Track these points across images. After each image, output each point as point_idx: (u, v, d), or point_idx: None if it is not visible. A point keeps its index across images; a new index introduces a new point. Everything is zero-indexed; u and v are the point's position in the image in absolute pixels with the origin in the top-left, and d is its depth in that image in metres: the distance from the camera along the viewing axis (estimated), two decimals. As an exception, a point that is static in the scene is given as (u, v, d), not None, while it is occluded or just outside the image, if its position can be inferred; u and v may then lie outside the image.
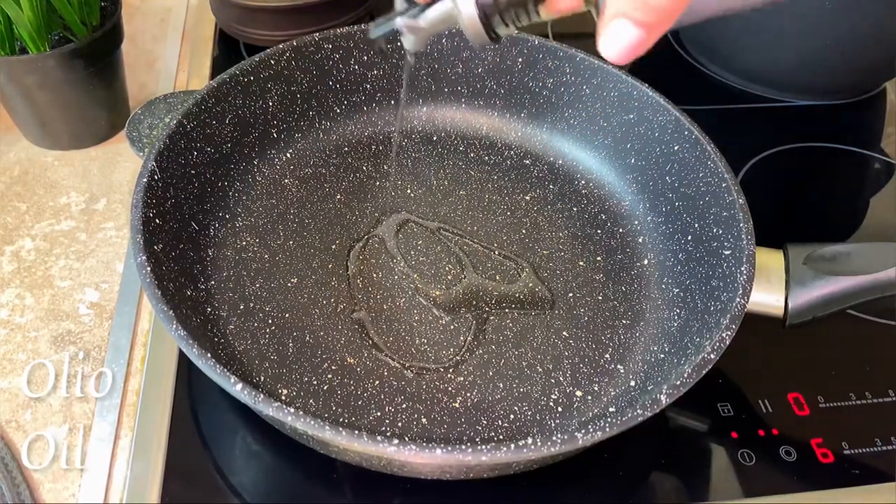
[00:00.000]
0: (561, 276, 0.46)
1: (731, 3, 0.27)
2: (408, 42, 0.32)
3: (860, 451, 0.39)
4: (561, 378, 0.40)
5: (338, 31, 0.50)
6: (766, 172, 0.57)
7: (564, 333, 0.43)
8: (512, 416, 0.39)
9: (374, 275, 0.45)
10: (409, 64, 0.34)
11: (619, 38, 0.26)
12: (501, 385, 0.40)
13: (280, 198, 0.49)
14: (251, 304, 0.42)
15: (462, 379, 0.40)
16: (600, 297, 0.44)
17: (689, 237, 0.44)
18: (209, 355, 0.32)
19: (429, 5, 0.31)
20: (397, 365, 0.41)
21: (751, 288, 0.37)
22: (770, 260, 0.39)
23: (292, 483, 0.38)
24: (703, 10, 0.27)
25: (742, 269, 0.37)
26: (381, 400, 0.39)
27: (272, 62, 0.48)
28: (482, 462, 0.31)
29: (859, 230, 0.54)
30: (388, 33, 0.32)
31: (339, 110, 0.53)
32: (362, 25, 0.51)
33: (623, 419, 0.31)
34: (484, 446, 0.30)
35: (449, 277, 0.45)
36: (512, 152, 0.53)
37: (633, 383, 0.40)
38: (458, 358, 0.41)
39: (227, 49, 0.66)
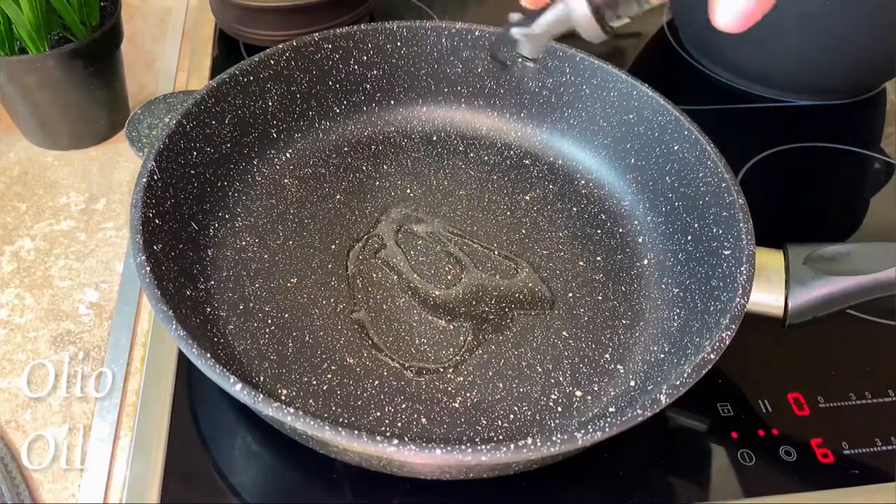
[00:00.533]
0: (561, 276, 0.46)
1: None
2: (525, 49, 0.33)
3: (860, 451, 0.39)
4: (561, 378, 0.40)
5: (338, 31, 0.50)
6: (766, 172, 0.57)
7: (564, 333, 0.43)
8: (512, 416, 0.39)
9: (374, 275, 0.45)
10: (531, 68, 0.36)
11: (734, 5, 0.27)
12: (501, 385, 0.40)
13: (280, 198, 0.49)
14: (251, 304, 0.42)
15: (462, 379, 0.40)
16: (600, 297, 0.44)
17: (689, 237, 0.44)
18: (209, 355, 0.32)
19: (541, 12, 0.32)
20: (397, 365, 0.40)
21: (751, 288, 0.37)
22: (770, 260, 0.39)
23: (292, 483, 0.38)
24: None
25: (742, 269, 0.37)
26: (381, 400, 0.39)
27: (272, 62, 0.48)
28: (482, 462, 0.31)
29: (859, 230, 0.54)
30: (505, 44, 0.34)
31: (338, 110, 0.53)
32: (362, 25, 0.51)
33: (623, 419, 0.31)
34: (484, 446, 0.30)
35: (449, 277, 0.45)
36: (512, 152, 0.53)
37: (632, 383, 0.40)
38: (457, 358, 0.41)
39: (227, 49, 0.66)
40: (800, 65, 0.60)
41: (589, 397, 0.40)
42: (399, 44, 0.52)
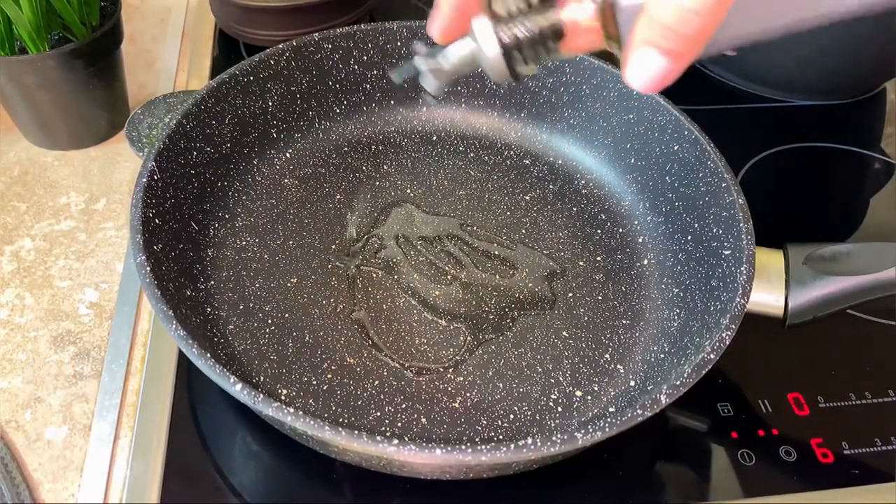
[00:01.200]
0: (561, 276, 0.46)
1: (762, 28, 0.27)
2: (429, 84, 0.32)
3: (860, 451, 0.39)
4: (561, 378, 0.40)
5: (338, 31, 0.50)
6: (766, 172, 0.57)
7: (564, 333, 0.43)
8: (512, 416, 0.39)
9: (374, 275, 0.45)
10: (430, 103, 0.34)
11: (647, 68, 0.25)
12: (501, 385, 0.40)
13: (280, 198, 0.49)
14: (251, 304, 0.42)
15: (462, 379, 0.40)
16: (600, 297, 0.44)
17: (689, 237, 0.44)
18: (209, 355, 0.32)
19: (450, 46, 0.31)
20: (397, 365, 0.40)
21: (751, 288, 0.37)
22: (770, 260, 0.39)
23: (292, 483, 0.38)
24: (726, 38, 0.26)
25: (742, 269, 0.37)
26: (381, 400, 0.39)
27: (272, 62, 0.48)
28: (482, 462, 0.31)
29: (859, 230, 0.54)
30: (410, 74, 0.32)
31: (338, 110, 0.53)
32: (362, 25, 0.51)
33: (623, 419, 0.31)
34: (484, 446, 0.30)
35: (448, 277, 0.45)
36: (512, 152, 0.53)
37: (632, 383, 0.40)
38: (457, 358, 0.41)
39: (227, 49, 0.66)
40: (800, 65, 0.60)
41: (589, 397, 0.40)
42: (399, 44, 0.52)
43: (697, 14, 0.23)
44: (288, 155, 0.51)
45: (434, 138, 0.54)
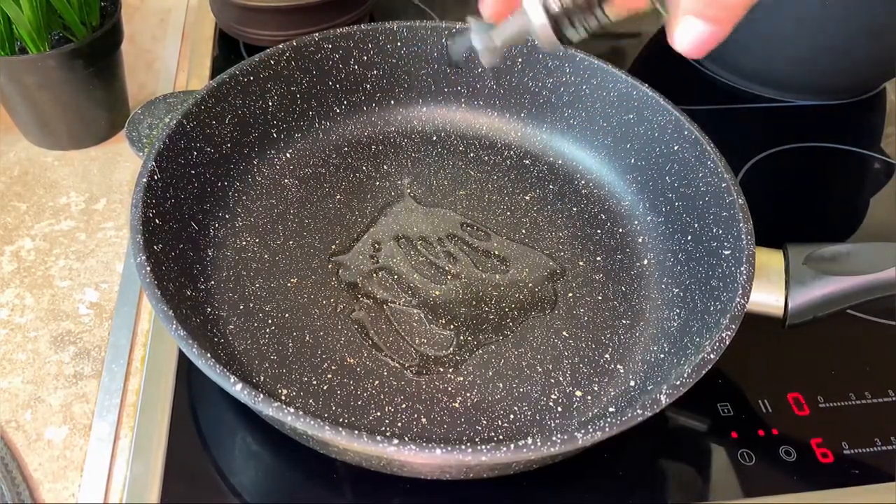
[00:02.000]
0: (561, 276, 0.46)
1: None
2: (485, 59, 0.33)
3: (860, 451, 0.39)
4: (561, 378, 0.40)
5: (338, 31, 0.50)
6: (766, 172, 0.57)
7: (564, 333, 0.43)
8: (512, 416, 0.39)
9: (374, 275, 0.45)
10: (490, 75, 0.36)
11: (692, 33, 0.27)
12: (501, 385, 0.40)
13: (280, 198, 0.49)
14: (251, 304, 0.42)
15: (462, 379, 0.40)
16: (600, 297, 0.44)
17: (689, 237, 0.44)
18: (209, 355, 0.32)
19: (503, 22, 0.32)
20: (397, 365, 0.41)
21: (751, 288, 0.37)
22: (770, 260, 0.39)
23: (292, 483, 0.38)
24: None
25: (742, 269, 0.37)
26: (381, 400, 0.39)
27: (272, 62, 0.48)
28: (482, 462, 0.31)
29: (859, 230, 0.54)
30: (466, 51, 0.34)
31: (339, 110, 0.53)
32: (362, 25, 0.51)
33: (623, 419, 0.31)
34: (484, 446, 0.30)
35: (449, 277, 0.45)
36: (512, 152, 0.53)
37: (632, 383, 0.40)
38: (457, 358, 0.41)
39: (227, 49, 0.66)
40: (800, 65, 0.60)
41: (589, 397, 0.40)
42: (399, 44, 0.52)
43: None
44: (288, 155, 0.51)
45: (434, 138, 0.54)
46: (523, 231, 0.48)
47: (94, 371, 0.43)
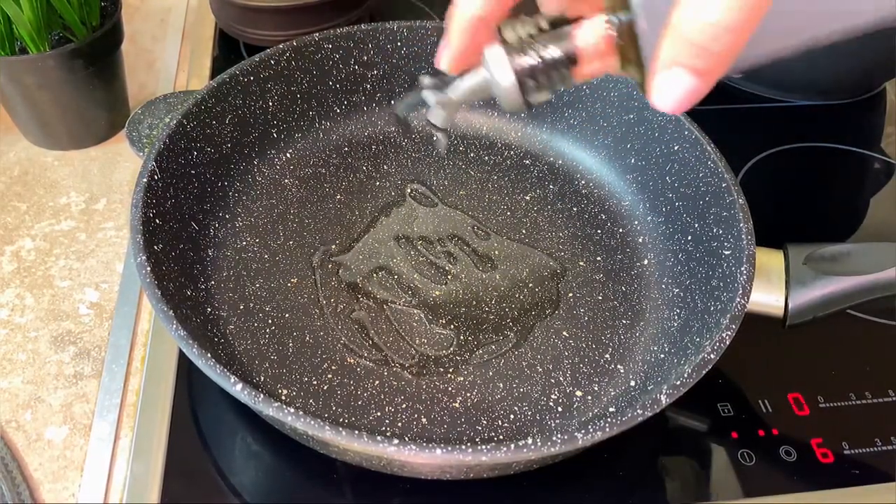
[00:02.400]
0: (561, 277, 0.46)
1: (782, 45, 0.26)
2: (437, 117, 0.31)
3: (860, 451, 0.39)
4: (561, 378, 0.40)
5: (338, 31, 0.50)
6: (766, 172, 0.57)
7: (564, 333, 0.43)
8: (512, 416, 0.39)
9: (374, 275, 0.45)
10: (443, 143, 0.33)
11: (675, 88, 0.24)
12: (501, 385, 0.40)
13: (280, 198, 0.49)
14: (251, 304, 0.42)
15: (462, 379, 0.40)
16: (600, 297, 0.44)
17: (689, 237, 0.44)
18: (209, 355, 0.32)
19: (460, 77, 0.30)
20: (397, 365, 0.41)
21: (751, 288, 0.37)
22: (770, 260, 0.39)
23: (292, 483, 0.38)
24: (753, 55, 0.25)
25: (742, 269, 0.37)
26: (381, 400, 0.39)
27: (272, 62, 0.48)
28: (482, 462, 0.31)
29: (859, 230, 0.54)
30: (415, 107, 0.32)
31: (339, 110, 0.53)
32: (362, 25, 0.51)
33: (623, 419, 0.31)
34: (484, 446, 0.30)
35: (448, 277, 0.45)
36: (512, 152, 0.53)
37: (633, 383, 0.40)
38: (457, 358, 0.41)
39: (227, 49, 0.66)
40: (800, 65, 0.60)
41: (589, 397, 0.40)
42: (399, 44, 0.52)
43: (728, 30, 0.23)
44: (288, 155, 0.51)
45: (434, 138, 0.54)
46: (523, 231, 0.48)
47: (95, 371, 0.43)
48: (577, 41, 0.27)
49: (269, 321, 0.42)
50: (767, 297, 0.38)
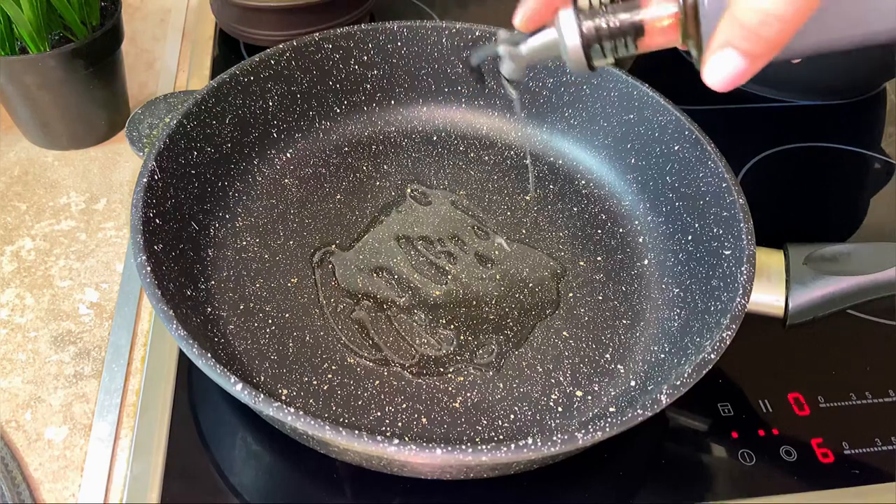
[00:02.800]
0: (561, 276, 0.46)
1: (830, 39, 0.28)
2: (506, 68, 0.33)
3: (860, 451, 0.39)
4: (561, 378, 0.40)
5: (338, 31, 0.50)
6: (766, 172, 0.57)
7: (564, 333, 0.43)
8: (512, 416, 0.39)
9: (375, 275, 0.45)
10: (514, 96, 0.35)
11: (725, 68, 0.27)
12: (501, 385, 0.40)
13: (280, 198, 0.49)
14: (251, 304, 0.42)
15: (462, 379, 0.40)
16: (601, 297, 0.44)
17: (690, 237, 0.44)
18: (209, 355, 0.32)
19: (532, 34, 0.32)
20: (397, 365, 0.41)
21: (751, 288, 0.37)
22: (770, 260, 0.39)
23: (292, 483, 0.38)
24: (801, 46, 0.27)
25: (742, 269, 0.37)
26: (381, 400, 0.39)
27: (272, 62, 0.48)
28: (482, 462, 0.31)
29: (859, 230, 0.54)
30: (487, 57, 0.34)
31: (339, 110, 0.53)
32: (362, 25, 0.51)
33: (623, 419, 0.31)
34: (484, 446, 0.30)
35: (449, 277, 0.45)
36: (512, 152, 0.53)
37: (633, 383, 0.40)
38: (458, 358, 0.41)
39: (227, 49, 0.66)
40: (800, 65, 0.60)
41: (589, 397, 0.40)
42: (399, 44, 0.52)
43: (779, 19, 0.25)
44: (288, 155, 0.51)
45: (434, 138, 0.54)
46: (524, 231, 0.48)
47: (95, 371, 0.43)
48: (646, 14, 0.29)
49: (269, 321, 0.42)
50: (768, 297, 0.38)
